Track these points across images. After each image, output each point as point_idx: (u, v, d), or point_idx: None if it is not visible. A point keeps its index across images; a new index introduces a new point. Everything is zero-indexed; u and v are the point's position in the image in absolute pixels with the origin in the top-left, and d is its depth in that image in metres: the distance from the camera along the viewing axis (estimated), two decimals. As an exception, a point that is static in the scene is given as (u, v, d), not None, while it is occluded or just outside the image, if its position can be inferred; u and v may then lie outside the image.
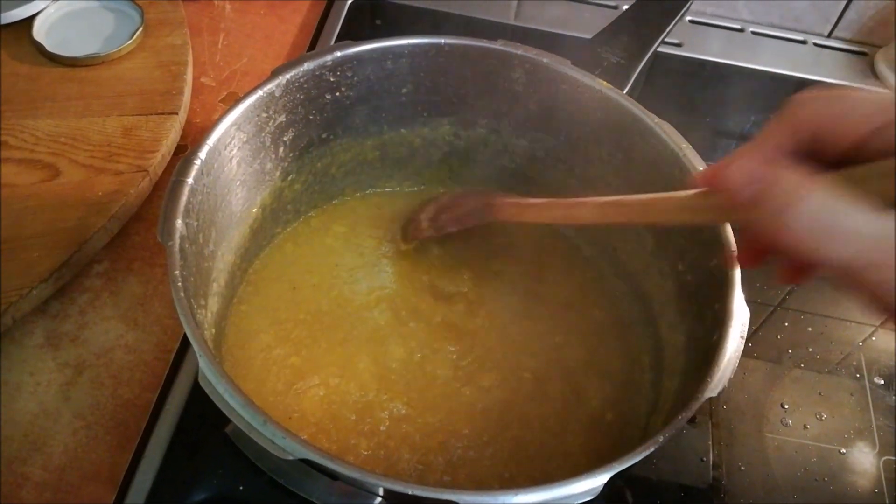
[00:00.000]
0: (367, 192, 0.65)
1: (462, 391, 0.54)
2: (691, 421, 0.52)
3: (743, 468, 0.57)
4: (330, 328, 0.56)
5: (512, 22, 0.89)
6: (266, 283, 0.59)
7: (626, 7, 0.65)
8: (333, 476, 0.38)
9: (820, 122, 0.32)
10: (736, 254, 0.43)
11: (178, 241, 0.43)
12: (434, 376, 0.54)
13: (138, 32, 0.73)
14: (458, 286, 0.60)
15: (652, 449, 0.38)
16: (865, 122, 0.31)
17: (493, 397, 0.54)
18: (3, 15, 0.72)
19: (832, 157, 0.32)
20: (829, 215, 0.28)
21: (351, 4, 0.86)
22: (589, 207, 0.44)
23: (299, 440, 0.36)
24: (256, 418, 0.36)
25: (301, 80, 0.52)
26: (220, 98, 0.76)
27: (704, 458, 0.57)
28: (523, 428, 0.53)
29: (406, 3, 0.88)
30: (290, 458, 0.36)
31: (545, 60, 0.55)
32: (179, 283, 0.41)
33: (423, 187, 0.66)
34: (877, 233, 0.27)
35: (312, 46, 0.82)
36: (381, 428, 0.51)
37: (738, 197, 0.32)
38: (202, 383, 0.38)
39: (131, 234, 0.64)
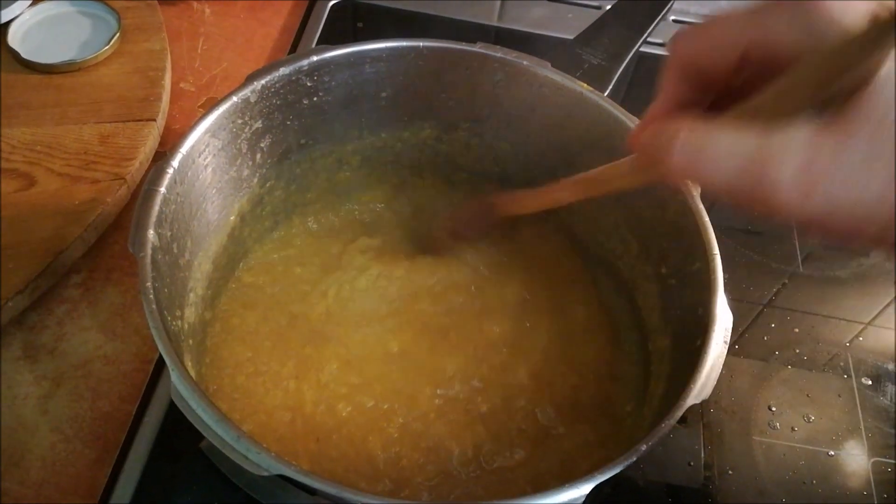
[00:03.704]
0: (352, 196, 0.64)
1: (448, 396, 0.53)
2: (682, 422, 0.52)
3: (731, 472, 0.56)
4: (315, 333, 0.55)
5: (495, 23, 0.88)
6: (250, 290, 0.58)
7: (608, 7, 0.65)
8: (311, 491, 0.37)
9: (694, 59, 0.33)
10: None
11: (150, 252, 0.42)
12: (426, 384, 0.54)
13: (115, 38, 0.72)
14: (456, 291, 0.59)
15: (634, 458, 0.38)
16: (732, 48, 0.32)
17: (476, 404, 0.53)
18: (-23, 22, 0.71)
19: (732, 92, 0.33)
20: (696, 144, 0.30)
21: (332, 7, 0.85)
22: (567, 190, 0.49)
23: (273, 456, 0.35)
24: (230, 434, 0.36)
25: (277, 85, 0.51)
26: (199, 103, 0.75)
27: (692, 463, 0.56)
28: (507, 435, 0.52)
29: (388, 5, 0.87)
30: (265, 473, 0.35)
31: (525, 63, 0.55)
32: (151, 296, 0.40)
33: (407, 191, 0.65)
34: (747, 149, 0.28)
35: (293, 50, 0.81)
36: (361, 435, 0.50)
37: (647, 156, 0.35)
38: (175, 399, 0.37)
39: (109, 244, 0.63)
